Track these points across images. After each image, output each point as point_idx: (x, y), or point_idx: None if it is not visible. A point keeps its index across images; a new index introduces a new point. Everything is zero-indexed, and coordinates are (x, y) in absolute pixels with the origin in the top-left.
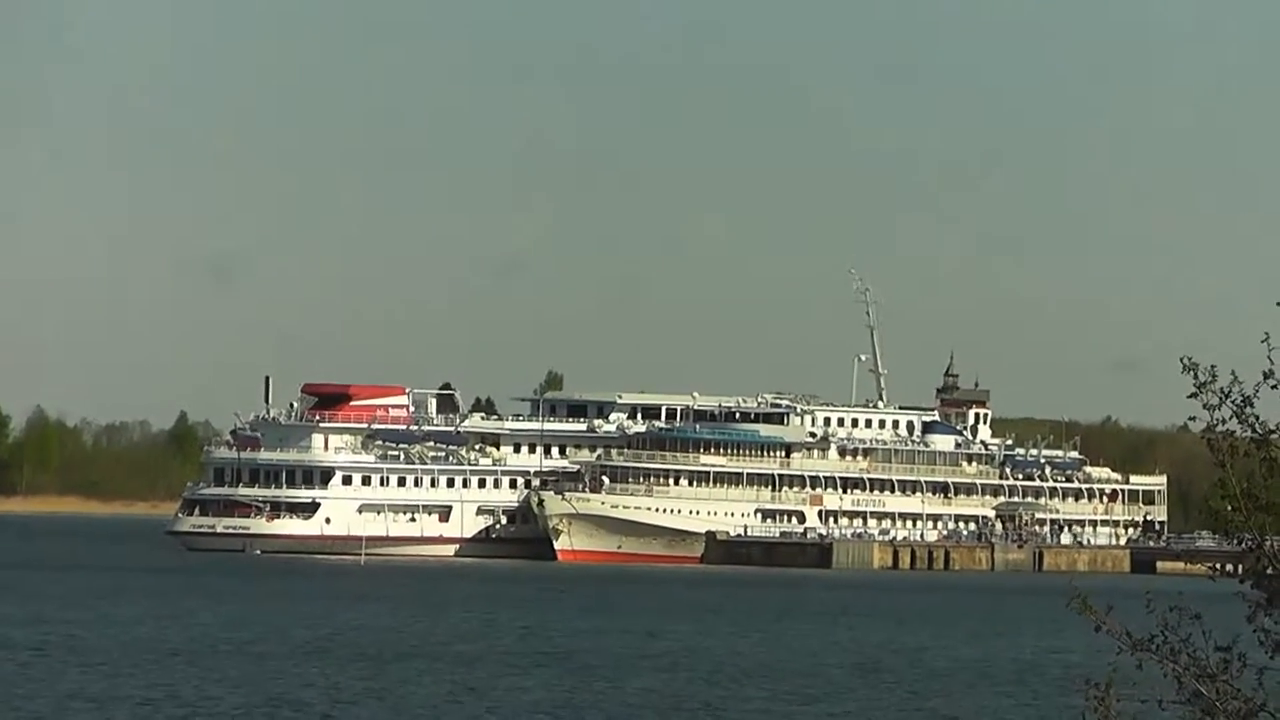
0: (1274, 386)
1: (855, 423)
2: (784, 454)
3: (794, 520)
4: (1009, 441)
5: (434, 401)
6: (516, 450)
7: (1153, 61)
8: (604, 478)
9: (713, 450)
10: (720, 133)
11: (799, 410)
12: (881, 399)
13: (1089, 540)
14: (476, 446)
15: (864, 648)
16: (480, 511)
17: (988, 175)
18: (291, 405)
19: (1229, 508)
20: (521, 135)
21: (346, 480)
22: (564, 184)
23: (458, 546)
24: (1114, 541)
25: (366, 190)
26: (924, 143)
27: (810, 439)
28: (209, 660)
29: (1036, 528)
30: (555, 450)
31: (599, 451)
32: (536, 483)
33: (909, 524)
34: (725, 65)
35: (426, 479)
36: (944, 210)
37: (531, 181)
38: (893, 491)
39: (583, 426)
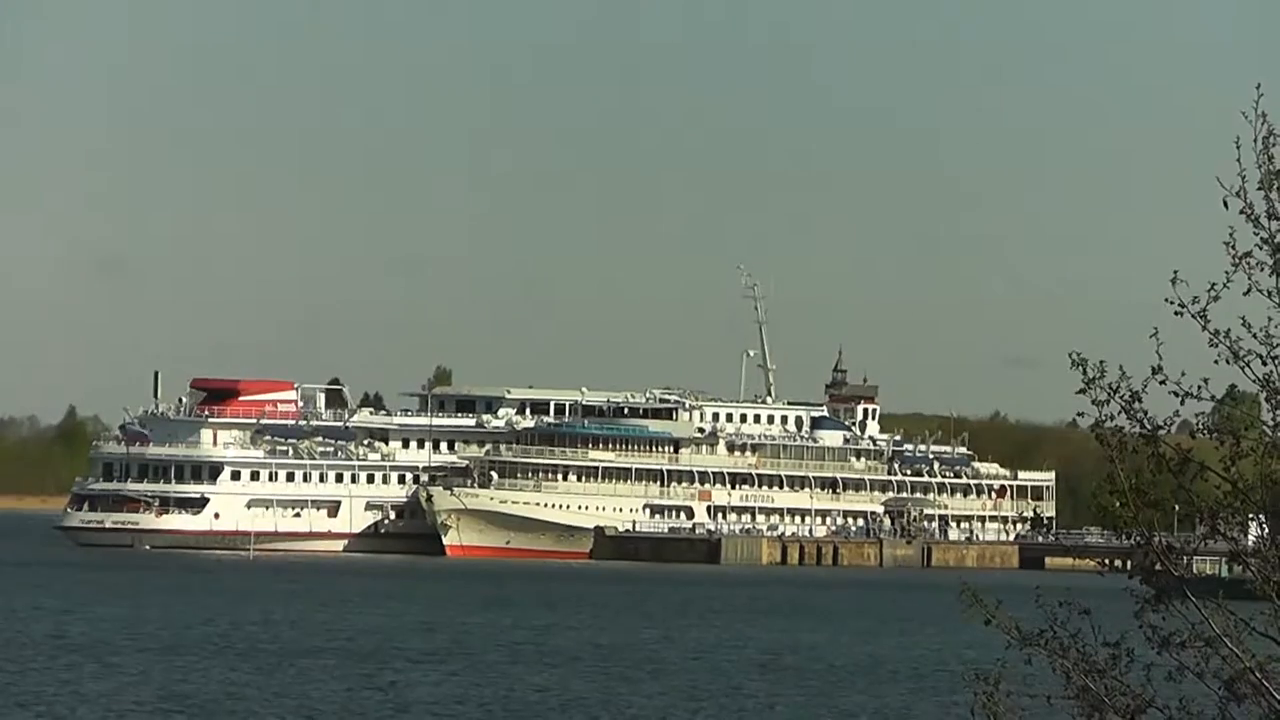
0: (1162, 382)
1: (744, 418)
2: (672, 449)
3: (682, 516)
4: (897, 437)
5: (322, 397)
6: (405, 446)
7: (1044, 59)
8: (493, 473)
9: (601, 446)
10: (606, 129)
11: (687, 406)
12: (770, 394)
13: (978, 536)
14: (365, 442)
15: (759, 644)
16: (369, 507)
17: (876, 172)
18: (180, 400)
19: (1117, 504)
20: (413, 135)
21: (235, 475)
22: (453, 183)
23: (346, 542)
24: (1002, 537)
25: (256, 186)
26: (812, 139)
27: (699, 434)
28: (109, 656)
29: (925, 523)
30: (444, 446)
31: (488, 447)
32: (425, 478)
33: (797, 520)
34: (619, 64)
35: (315, 474)
36: (833, 206)
37: (421, 180)
38: (781, 487)
39: (471, 422)
